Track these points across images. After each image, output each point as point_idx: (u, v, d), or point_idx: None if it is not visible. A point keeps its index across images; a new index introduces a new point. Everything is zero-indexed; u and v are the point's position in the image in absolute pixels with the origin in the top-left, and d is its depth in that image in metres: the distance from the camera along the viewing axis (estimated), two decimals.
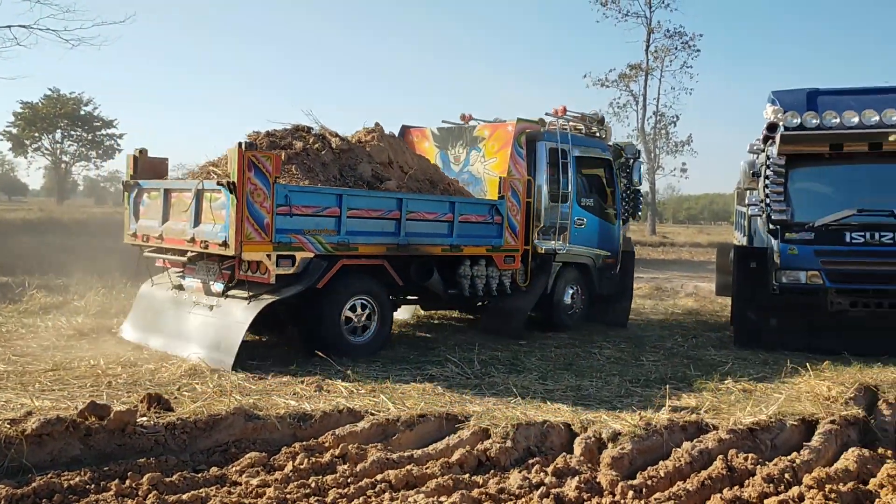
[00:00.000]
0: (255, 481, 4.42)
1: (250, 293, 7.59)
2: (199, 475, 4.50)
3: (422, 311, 11.15)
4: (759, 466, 4.86)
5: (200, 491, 4.21)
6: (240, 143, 7.20)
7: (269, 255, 7.44)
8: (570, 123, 11.16)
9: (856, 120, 9.19)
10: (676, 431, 5.45)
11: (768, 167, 9.52)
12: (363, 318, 8.31)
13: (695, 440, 5.27)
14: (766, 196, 9.52)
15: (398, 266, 8.65)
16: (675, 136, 41.64)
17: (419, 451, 4.99)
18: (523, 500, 4.30)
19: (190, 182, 8.08)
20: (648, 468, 4.82)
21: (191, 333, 7.95)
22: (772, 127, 9.53)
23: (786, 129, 9.43)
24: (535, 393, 6.70)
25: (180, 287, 8.55)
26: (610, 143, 11.84)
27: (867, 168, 9.54)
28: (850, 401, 6.46)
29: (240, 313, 7.54)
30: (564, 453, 5.15)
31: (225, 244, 7.33)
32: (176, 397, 5.99)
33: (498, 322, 10.15)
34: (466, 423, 5.51)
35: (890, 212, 9.09)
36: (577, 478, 4.58)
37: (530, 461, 5.02)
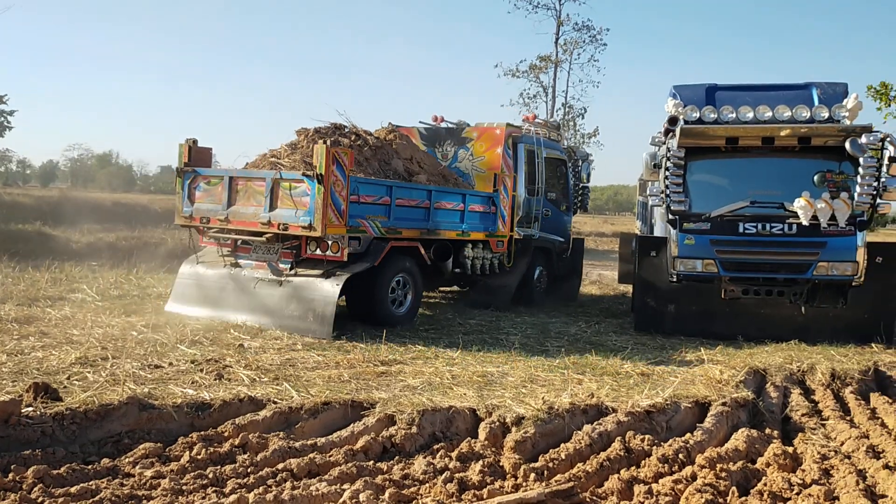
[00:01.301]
0: (149, 473, 4.25)
1: (326, 269, 8.85)
2: (90, 467, 4.29)
3: None
4: (654, 447, 5.02)
5: (90, 483, 4.02)
6: (325, 142, 8.49)
7: (343, 237, 8.69)
8: (534, 129, 12.92)
9: (751, 115, 9.59)
10: (578, 415, 5.57)
11: (668, 159, 9.82)
12: (401, 293, 9.79)
13: (595, 423, 5.39)
14: (666, 187, 9.82)
15: (426, 248, 10.11)
16: (582, 128, 42.44)
17: (322, 440, 4.92)
18: (427, 485, 4.29)
19: (264, 172, 9.08)
20: (550, 451, 4.90)
21: (264, 306, 9.01)
22: (672, 120, 9.84)
23: (686, 122, 9.75)
24: (443, 379, 6.71)
25: (235, 265, 9.54)
26: (564, 146, 14.04)
27: (761, 161, 9.99)
28: (741, 384, 6.75)
29: (328, 286, 8.66)
30: (469, 438, 5.18)
31: (310, 227, 8.48)
32: (65, 387, 5.69)
33: (487, 296, 11.75)
34: (372, 410, 5.47)
35: (780, 204, 9.53)
36: (480, 462, 4.61)
37: (435, 447, 5.02)
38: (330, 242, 8.70)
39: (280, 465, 4.42)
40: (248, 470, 4.37)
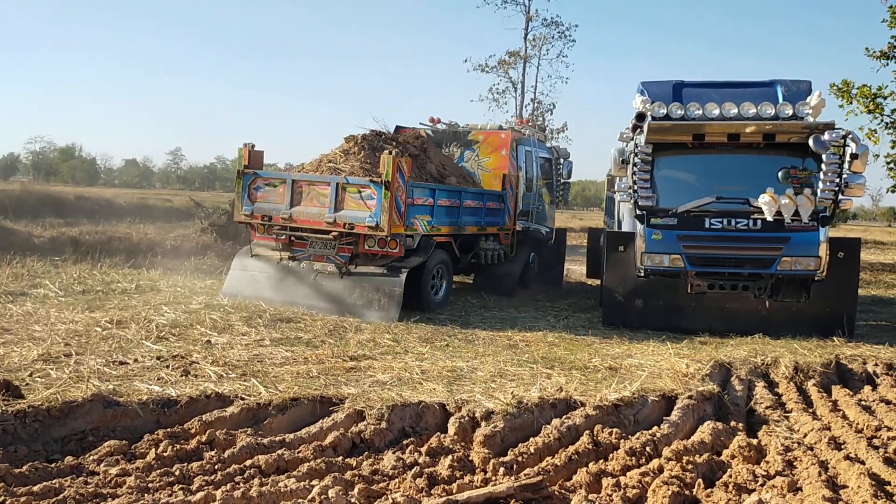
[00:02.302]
0: (114, 470, 4.20)
1: (386, 263, 10.26)
2: (53, 466, 4.23)
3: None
4: (622, 441, 5.07)
5: (53, 482, 3.96)
6: (390, 152, 9.78)
7: (402, 235, 10.10)
8: (528, 132, 14.57)
9: (717, 112, 9.69)
10: (546, 409, 5.61)
11: (636, 155, 9.89)
12: (439, 282, 11.27)
13: (563, 417, 5.43)
14: (634, 183, 9.89)
15: (455, 242, 11.71)
16: (551, 123, 42.64)
17: (291, 436, 4.89)
18: (396, 480, 4.29)
19: (329, 177, 10.27)
20: (519, 445, 4.93)
21: (326, 295, 10.28)
22: (640, 116, 9.91)
23: (653, 118, 9.83)
24: (412, 374, 6.71)
25: (291, 258, 10.70)
26: (548, 146, 15.79)
27: (726, 158, 10.11)
28: (707, 377, 6.84)
29: (395, 277, 10.06)
30: (439, 433, 5.19)
31: (377, 227, 9.77)
32: (27, 384, 5.59)
33: (495, 283, 13.16)
34: (341, 406, 5.45)
35: (745, 199, 9.67)
36: (450, 456, 4.62)
37: (405, 442, 5.02)
38: (389, 240, 10.05)
39: (248, 462, 4.39)
40: (216, 467, 4.33)
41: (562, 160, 15.61)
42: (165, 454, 4.45)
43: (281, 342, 7.92)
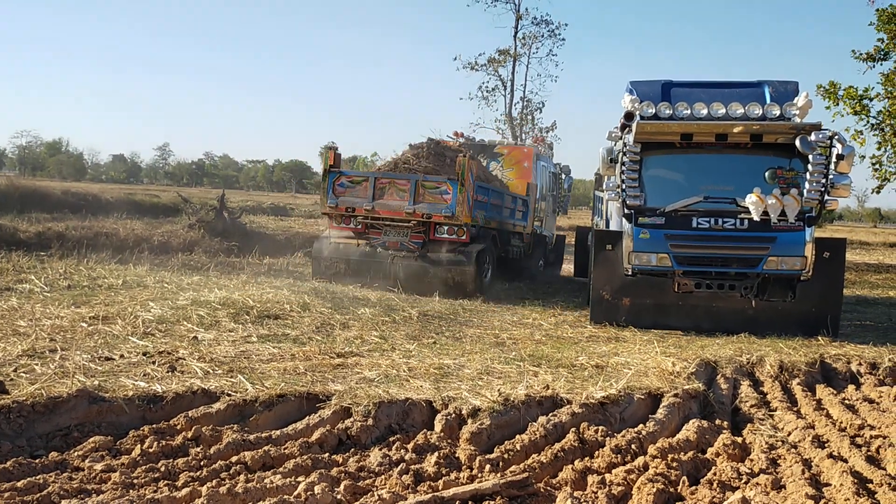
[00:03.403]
0: (98, 466, 4.18)
1: (454, 248, 12.63)
2: (37, 461, 4.20)
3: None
4: (608, 438, 5.09)
5: (38, 478, 3.93)
6: (465, 155, 12.56)
7: (469, 225, 12.65)
8: (542, 149, 17.50)
9: (705, 112, 9.74)
10: (533, 406, 5.62)
11: (625, 154, 9.92)
12: (486, 267, 13.32)
13: (550, 414, 5.45)
14: (622, 182, 9.92)
15: (498, 236, 14.25)
16: (540, 121, 42.73)
17: (277, 432, 4.88)
18: (382, 477, 4.29)
19: (408, 175, 12.79)
20: (506, 442, 4.94)
21: (403, 275, 12.44)
22: (629, 116, 9.94)
23: (642, 118, 9.86)
24: (399, 371, 6.70)
25: (368, 244, 12.89)
26: (554, 163, 18.81)
27: (714, 157, 10.17)
28: (692, 375, 6.87)
29: (466, 258, 12.55)
30: (425, 430, 5.19)
31: (452, 216, 12.34)
32: (12, 379, 5.54)
33: (515, 274, 15.55)
34: (327, 403, 5.44)
35: (732, 199, 9.72)
36: (436, 454, 4.62)
37: (391, 439, 5.02)
38: (457, 228, 12.52)
39: (234, 458, 4.38)
40: (202, 463, 4.32)
41: (563, 175, 18.82)
42: (151, 450, 4.44)
43: (268, 339, 7.90)
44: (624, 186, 9.89)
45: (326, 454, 4.62)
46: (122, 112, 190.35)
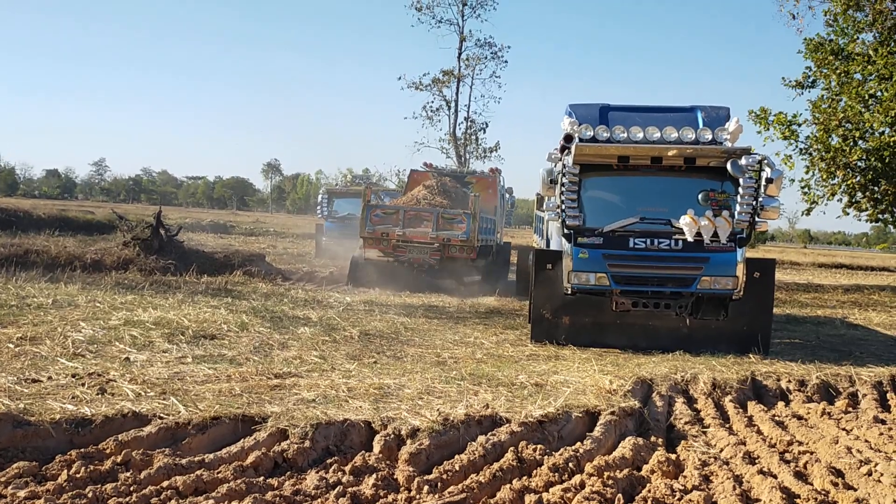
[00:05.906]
0: (22, 493, 4.03)
1: (464, 263, 17.19)
2: None
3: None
4: (546, 457, 5.13)
5: None
6: (476, 195, 16.88)
7: (478, 245, 16.84)
8: (499, 176, 21.06)
9: (641, 135, 9.96)
10: (473, 426, 5.63)
11: (564, 175, 10.05)
12: (487, 273, 18.09)
13: (489, 434, 5.46)
14: (562, 202, 10.05)
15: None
16: (484, 142, 43.21)
17: (211, 456, 4.78)
18: (319, 500, 4.24)
19: (430, 208, 17.13)
20: (445, 462, 4.93)
21: (426, 283, 16.69)
22: (568, 138, 10.09)
23: (580, 140, 10.03)
24: (338, 392, 6.63)
25: (395, 260, 17.02)
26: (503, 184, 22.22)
27: (650, 180, 10.39)
28: (629, 393, 6.99)
29: (475, 270, 17.60)
30: (364, 451, 5.14)
31: (467, 240, 16.52)
32: None
33: (491, 277, 18.43)
34: (263, 425, 5.35)
35: (667, 220, 9.94)
36: (374, 475, 4.59)
37: (329, 461, 4.96)
38: (468, 248, 16.67)
39: (165, 483, 4.27)
40: (131, 488, 4.20)
41: (507, 195, 22.52)
42: (78, 475, 4.29)
43: (204, 359, 7.73)
44: (563, 207, 10.01)
45: (261, 478, 4.54)
46: (55, 127, 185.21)
